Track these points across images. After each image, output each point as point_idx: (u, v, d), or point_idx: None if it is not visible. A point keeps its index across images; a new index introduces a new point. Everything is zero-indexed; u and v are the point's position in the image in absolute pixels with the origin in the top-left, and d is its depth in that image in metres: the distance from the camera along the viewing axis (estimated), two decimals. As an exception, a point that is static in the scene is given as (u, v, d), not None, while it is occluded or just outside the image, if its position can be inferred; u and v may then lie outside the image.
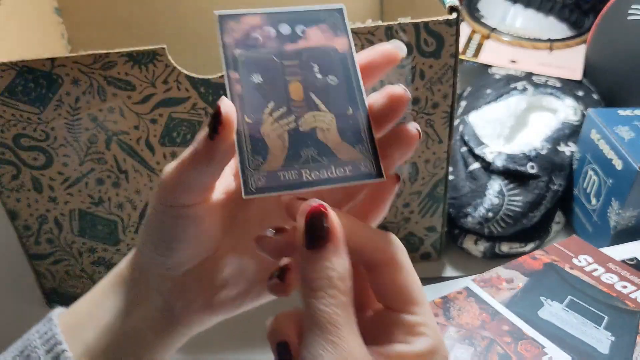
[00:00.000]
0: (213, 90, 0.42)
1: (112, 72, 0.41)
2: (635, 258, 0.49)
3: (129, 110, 0.43)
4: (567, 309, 0.43)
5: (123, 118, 0.43)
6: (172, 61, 0.41)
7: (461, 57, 0.69)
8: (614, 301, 0.44)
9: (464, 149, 0.56)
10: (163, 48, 0.40)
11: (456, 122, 0.60)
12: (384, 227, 0.53)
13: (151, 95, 0.42)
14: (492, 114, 0.57)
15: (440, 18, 0.41)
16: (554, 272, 0.47)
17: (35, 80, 0.41)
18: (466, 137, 0.56)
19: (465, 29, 0.72)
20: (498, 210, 0.52)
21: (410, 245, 0.55)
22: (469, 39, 0.70)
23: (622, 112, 0.54)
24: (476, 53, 0.67)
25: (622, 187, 0.50)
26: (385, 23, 0.41)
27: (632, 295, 0.44)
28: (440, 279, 0.49)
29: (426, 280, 0.48)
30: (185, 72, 0.41)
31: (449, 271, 0.56)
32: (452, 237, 0.57)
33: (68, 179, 0.46)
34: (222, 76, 0.42)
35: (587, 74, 0.66)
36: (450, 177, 0.56)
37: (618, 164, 0.50)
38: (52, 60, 0.40)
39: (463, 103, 0.63)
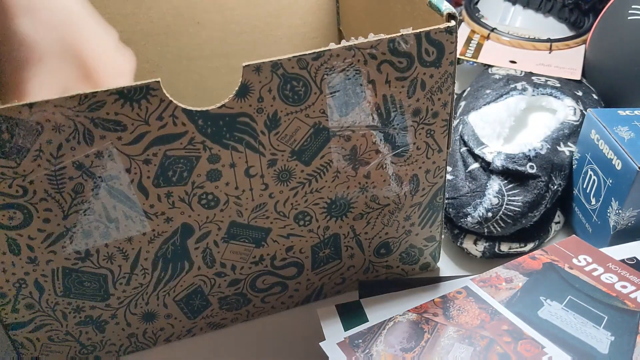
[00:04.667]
0: (212, 122, 0.39)
1: (100, 113, 0.36)
2: (635, 258, 0.49)
3: (119, 153, 0.38)
4: (566, 308, 0.43)
5: (113, 162, 0.39)
6: (168, 95, 0.37)
7: (461, 57, 0.68)
8: (614, 301, 0.44)
9: (463, 149, 0.56)
10: (157, 82, 0.36)
11: (455, 122, 0.60)
12: (386, 243, 0.51)
13: (144, 133, 0.38)
14: (491, 114, 0.57)
15: (442, 26, 0.40)
16: (554, 271, 0.47)
17: (10, 130, 0.36)
18: (465, 137, 0.55)
19: (464, 29, 0.71)
20: (498, 210, 0.52)
21: (410, 258, 0.53)
22: (469, 39, 0.69)
23: (622, 112, 0.54)
24: (476, 53, 0.66)
25: (621, 187, 0.50)
26: (388, 36, 0.39)
27: (632, 295, 0.45)
28: (440, 278, 0.49)
29: (425, 280, 0.48)
30: (182, 105, 0.38)
31: (448, 271, 0.56)
32: (452, 237, 0.56)
33: (50, 235, 0.41)
34: (222, 106, 0.39)
35: (587, 74, 0.67)
36: (450, 177, 0.55)
37: (618, 164, 0.51)
38: (30, 105, 0.35)
39: (462, 103, 0.62)
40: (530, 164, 0.53)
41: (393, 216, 0.49)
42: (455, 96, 0.71)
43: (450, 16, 0.41)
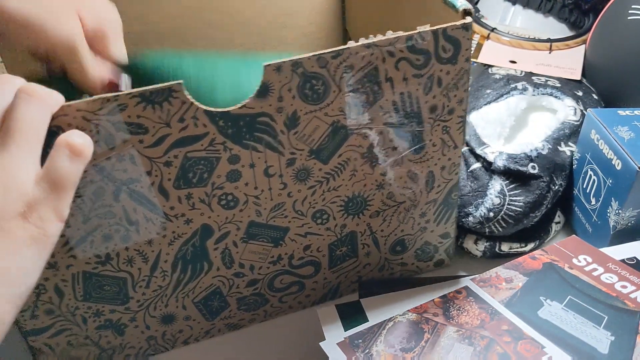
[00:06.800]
0: (232, 122, 0.39)
1: (121, 116, 0.36)
2: (635, 258, 0.49)
3: (140, 156, 0.38)
4: (566, 308, 0.43)
5: (134, 165, 0.39)
6: (189, 97, 0.37)
7: None
8: (614, 301, 0.44)
9: (464, 148, 0.56)
10: (179, 84, 0.36)
11: None
12: (402, 240, 0.51)
13: (166, 136, 0.38)
14: (492, 114, 0.57)
15: (458, 23, 0.40)
16: (554, 271, 0.47)
17: (32, 135, 0.36)
18: (467, 137, 0.55)
19: None
20: (499, 211, 0.52)
21: (425, 255, 0.54)
22: None
23: (622, 112, 0.54)
24: (476, 53, 0.66)
25: (621, 187, 0.50)
26: (406, 33, 0.40)
27: (632, 295, 0.45)
28: (440, 278, 0.49)
29: (425, 280, 0.48)
30: (204, 107, 0.38)
31: (448, 271, 0.56)
32: None
33: (70, 240, 0.41)
34: (242, 106, 0.39)
35: (587, 74, 0.66)
36: None
37: (618, 164, 0.50)
38: (51, 110, 0.35)
39: None
40: (532, 164, 0.53)
41: (409, 213, 0.49)
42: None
43: (466, 12, 0.41)
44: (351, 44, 0.39)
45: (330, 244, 0.49)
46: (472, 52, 0.43)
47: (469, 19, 0.41)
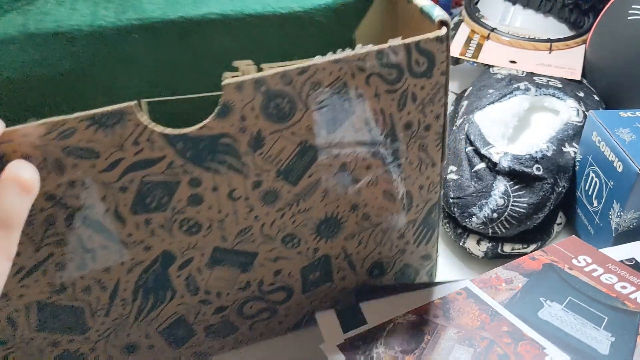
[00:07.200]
0: (192, 144, 0.36)
1: (70, 140, 0.34)
2: (634, 259, 0.49)
3: (93, 182, 0.36)
4: (566, 309, 0.43)
5: (86, 191, 0.36)
6: (142, 119, 0.34)
7: (461, 57, 0.68)
8: (614, 302, 0.44)
9: (469, 148, 0.55)
10: (131, 106, 0.34)
11: (460, 121, 0.59)
12: (379, 263, 0.49)
13: (119, 160, 0.36)
14: (496, 114, 0.57)
15: (432, 35, 0.38)
16: (554, 272, 0.47)
17: (-28, 161, 0.33)
18: (472, 137, 0.55)
19: (464, 29, 0.70)
20: (503, 212, 0.51)
21: (406, 278, 0.51)
22: (469, 39, 0.68)
23: (623, 114, 0.54)
24: (476, 53, 0.65)
25: (622, 189, 0.50)
26: (376, 47, 0.37)
27: (632, 296, 0.44)
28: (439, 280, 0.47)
29: (425, 283, 0.46)
30: (159, 129, 0.35)
31: (448, 270, 0.55)
32: (455, 237, 0.56)
33: (21, 269, 0.38)
34: (202, 127, 0.36)
35: (587, 74, 0.66)
36: (455, 177, 0.54)
37: (619, 166, 0.50)
38: (-7, 135, 0.33)
39: (465, 102, 0.62)
40: (536, 165, 0.52)
41: (386, 235, 0.47)
42: (456, 96, 0.70)
43: (443, 23, 0.39)
44: (318, 59, 0.36)
45: (303, 269, 0.46)
46: (449, 65, 0.41)
47: (444, 31, 0.39)
